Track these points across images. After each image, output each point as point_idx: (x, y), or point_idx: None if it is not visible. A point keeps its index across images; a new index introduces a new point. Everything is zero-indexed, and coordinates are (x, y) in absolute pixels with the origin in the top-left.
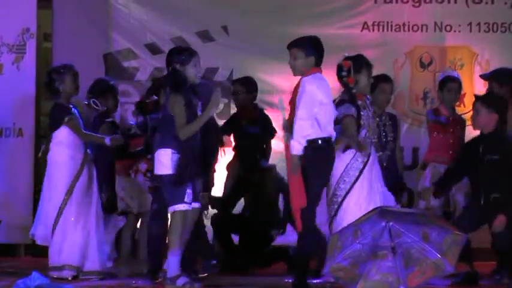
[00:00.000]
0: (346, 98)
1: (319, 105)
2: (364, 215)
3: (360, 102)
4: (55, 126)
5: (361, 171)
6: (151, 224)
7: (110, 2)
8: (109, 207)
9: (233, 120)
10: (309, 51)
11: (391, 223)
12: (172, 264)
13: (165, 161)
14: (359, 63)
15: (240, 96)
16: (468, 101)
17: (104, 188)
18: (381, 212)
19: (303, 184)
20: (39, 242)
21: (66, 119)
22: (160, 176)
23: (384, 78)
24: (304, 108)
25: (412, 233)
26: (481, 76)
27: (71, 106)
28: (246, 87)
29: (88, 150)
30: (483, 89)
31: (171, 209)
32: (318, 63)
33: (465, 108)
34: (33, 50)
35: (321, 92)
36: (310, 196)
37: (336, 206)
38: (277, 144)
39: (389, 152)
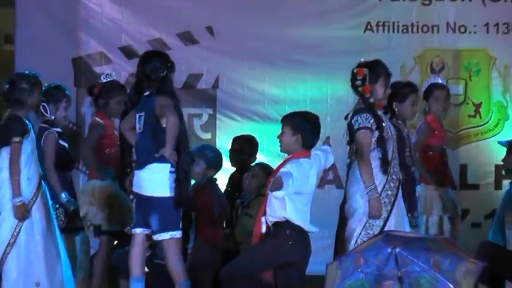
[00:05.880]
0: (363, 107)
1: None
2: (367, 241)
3: (380, 112)
4: (6, 141)
5: (395, 198)
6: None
7: (80, 0)
8: (70, 225)
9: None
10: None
11: (397, 249)
12: None
13: (160, 180)
14: (376, 72)
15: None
16: (485, 111)
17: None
18: (386, 237)
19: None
20: None
21: (15, 139)
22: (152, 197)
23: (414, 89)
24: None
25: (422, 261)
26: (500, 143)
27: (27, 121)
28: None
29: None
30: (501, 98)
31: (165, 235)
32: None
33: (481, 120)
34: None
35: None
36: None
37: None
38: None
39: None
